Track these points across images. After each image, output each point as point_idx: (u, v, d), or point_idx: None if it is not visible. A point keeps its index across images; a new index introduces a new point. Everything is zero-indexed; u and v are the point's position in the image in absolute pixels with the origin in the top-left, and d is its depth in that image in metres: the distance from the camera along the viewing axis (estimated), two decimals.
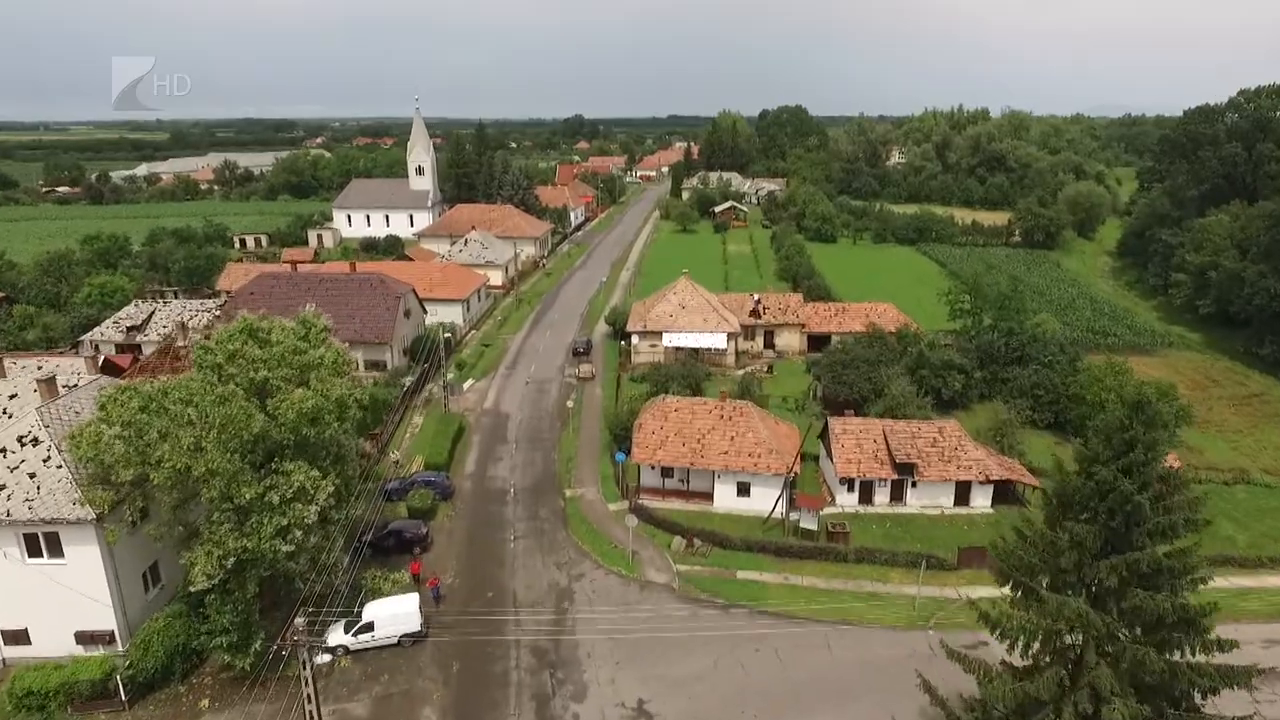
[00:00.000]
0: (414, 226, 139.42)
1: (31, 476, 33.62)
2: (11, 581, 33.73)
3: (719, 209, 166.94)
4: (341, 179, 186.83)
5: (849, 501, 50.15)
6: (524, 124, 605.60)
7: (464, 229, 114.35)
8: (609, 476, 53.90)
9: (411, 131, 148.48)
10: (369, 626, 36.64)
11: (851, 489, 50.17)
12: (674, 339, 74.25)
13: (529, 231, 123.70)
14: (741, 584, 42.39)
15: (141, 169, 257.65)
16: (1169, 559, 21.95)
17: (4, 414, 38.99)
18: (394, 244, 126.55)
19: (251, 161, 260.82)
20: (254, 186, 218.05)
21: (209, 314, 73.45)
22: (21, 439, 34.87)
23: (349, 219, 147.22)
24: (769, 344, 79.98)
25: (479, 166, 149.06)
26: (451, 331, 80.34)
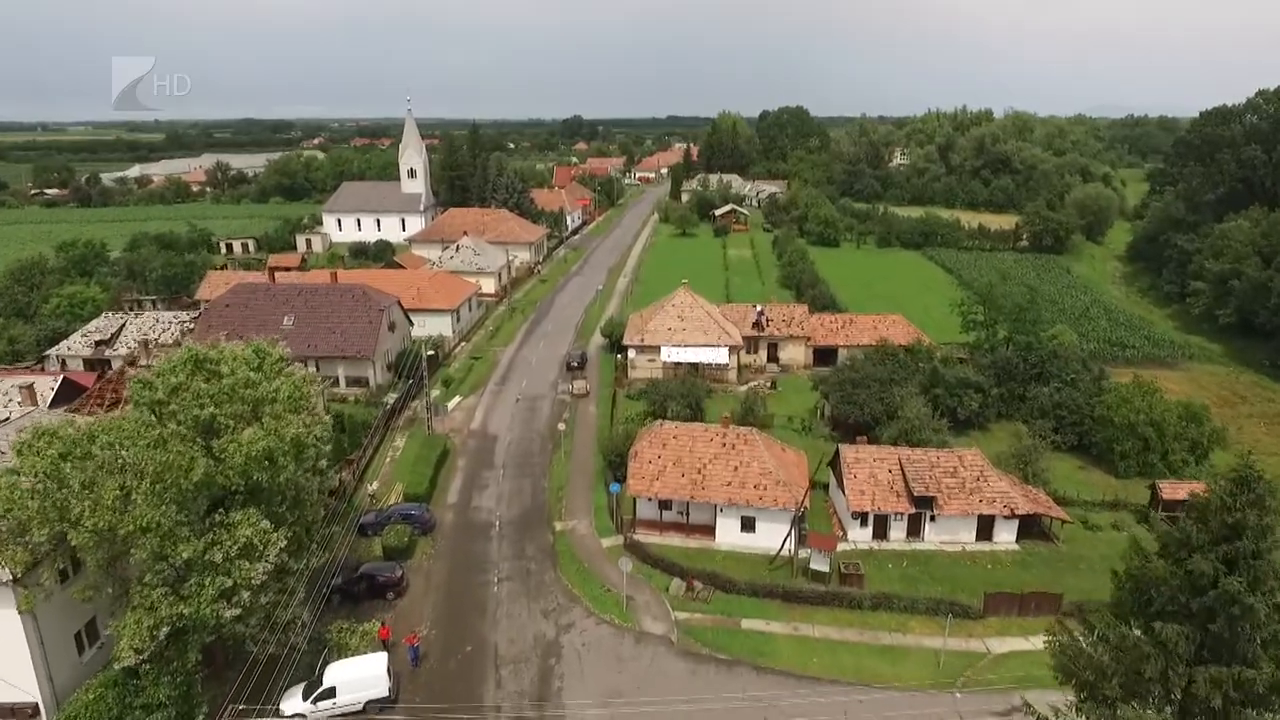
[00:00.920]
0: (406, 231, 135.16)
1: None
2: None
3: (719, 212, 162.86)
4: (335, 181, 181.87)
5: (862, 537, 46.20)
6: (523, 124, 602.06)
7: (456, 234, 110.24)
8: (602, 507, 49.87)
9: (404, 133, 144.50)
10: (330, 692, 32.52)
11: (865, 523, 46.22)
12: (673, 353, 70.34)
13: (524, 236, 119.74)
14: (746, 635, 38.43)
15: (133, 170, 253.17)
16: None
17: None
18: (384, 249, 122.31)
19: (245, 163, 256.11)
20: (245, 189, 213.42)
21: (180, 327, 69.60)
22: None
23: (339, 223, 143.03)
24: (772, 357, 76.07)
25: (473, 169, 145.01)
26: (439, 345, 76.36)
